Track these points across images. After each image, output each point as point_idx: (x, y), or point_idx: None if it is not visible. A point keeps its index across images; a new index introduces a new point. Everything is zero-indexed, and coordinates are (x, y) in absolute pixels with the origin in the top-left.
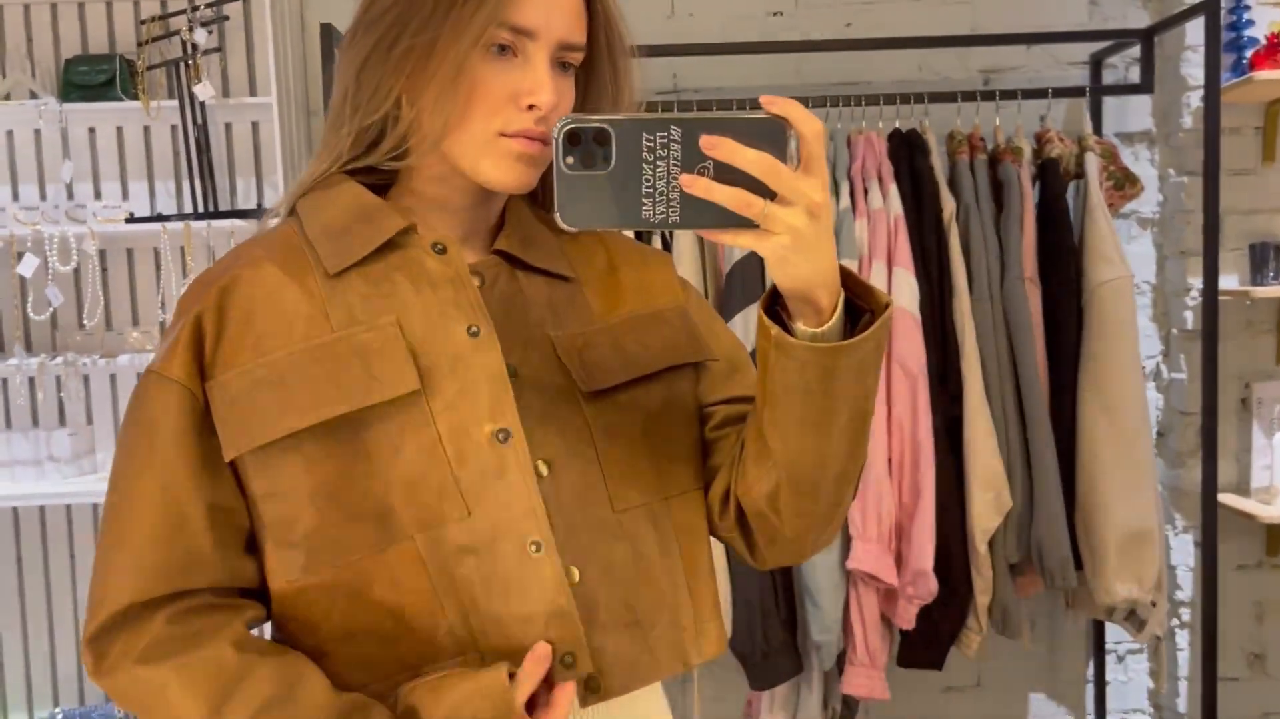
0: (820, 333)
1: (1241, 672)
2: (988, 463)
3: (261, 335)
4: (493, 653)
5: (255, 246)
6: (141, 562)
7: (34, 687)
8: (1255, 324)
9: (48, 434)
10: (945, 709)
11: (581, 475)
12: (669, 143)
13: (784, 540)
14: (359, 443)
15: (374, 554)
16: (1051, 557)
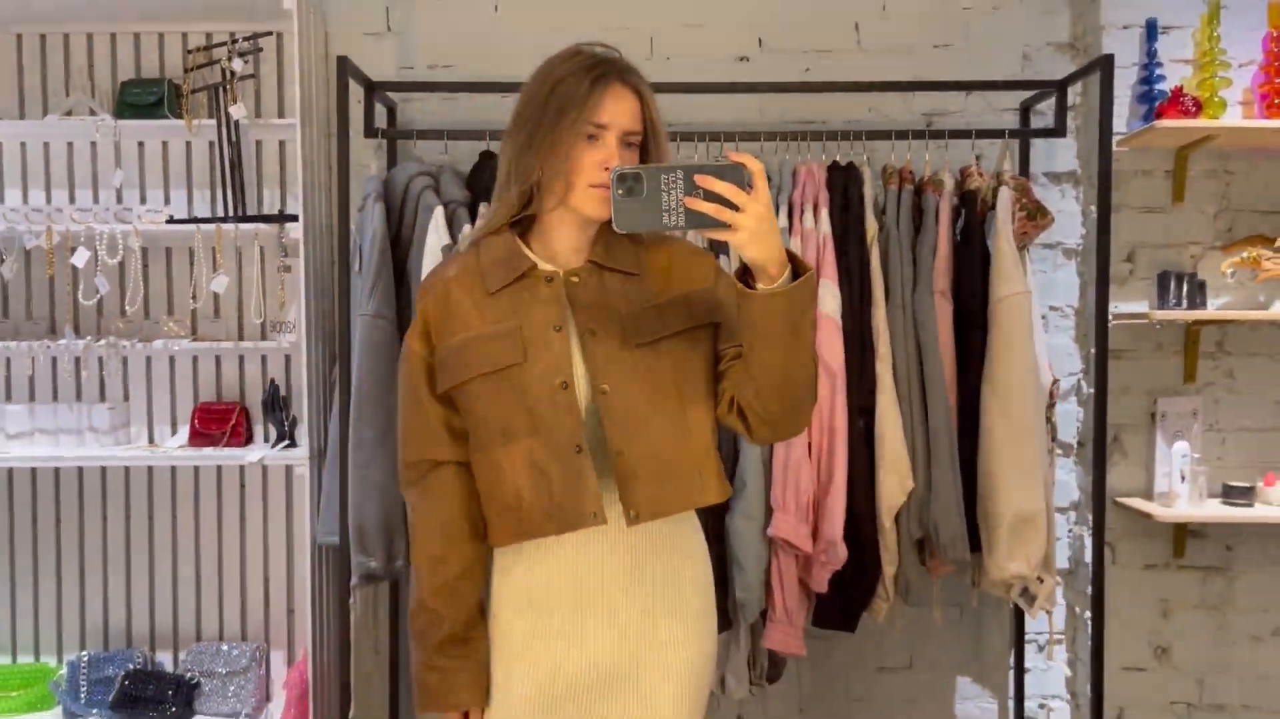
0: (772, 289)
1: (1149, 663)
2: (895, 449)
3: (454, 325)
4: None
5: (451, 267)
6: (415, 440)
7: (64, 632)
8: (1165, 346)
9: (89, 407)
10: (879, 688)
11: (629, 393)
12: (676, 180)
13: (765, 423)
14: (499, 387)
15: (506, 447)
16: (945, 533)
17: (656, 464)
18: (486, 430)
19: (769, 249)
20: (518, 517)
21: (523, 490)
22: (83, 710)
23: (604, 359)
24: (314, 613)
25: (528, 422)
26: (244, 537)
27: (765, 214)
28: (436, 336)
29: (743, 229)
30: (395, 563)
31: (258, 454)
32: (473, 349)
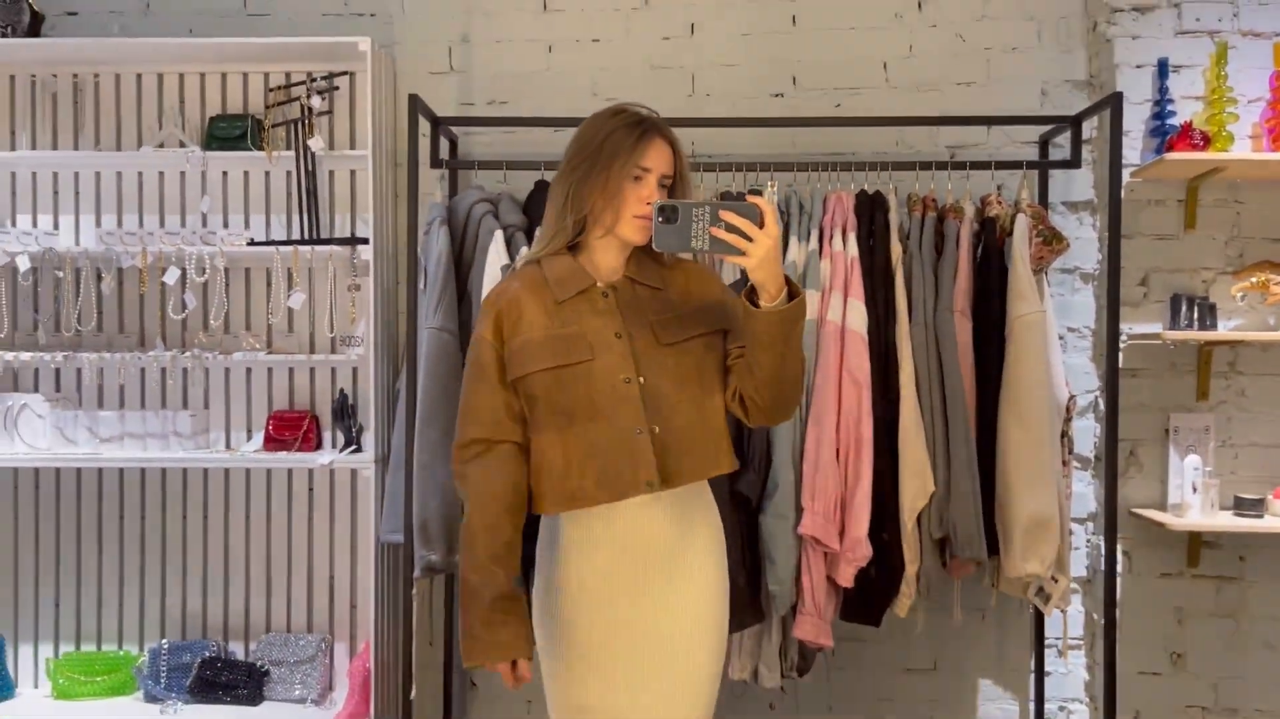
0: (771, 308)
1: (1165, 668)
2: (916, 455)
3: (523, 326)
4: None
5: (517, 280)
6: (478, 419)
7: (145, 621)
8: (1179, 365)
9: (173, 413)
10: (905, 688)
11: (661, 383)
12: (704, 213)
13: (761, 410)
14: (563, 379)
15: (563, 429)
16: (962, 532)
17: (684, 440)
18: (549, 414)
19: (773, 273)
20: (574, 487)
21: (582, 465)
22: (162, 694)
23: (639, 356)
24: (376, 606)
25: (589, 409)
26: (311, 536)
27: (773, 246)
28: (508, 333)
29: (754, 256)
30: (454, 556)
31: (327, 458)
32: (544, 346)
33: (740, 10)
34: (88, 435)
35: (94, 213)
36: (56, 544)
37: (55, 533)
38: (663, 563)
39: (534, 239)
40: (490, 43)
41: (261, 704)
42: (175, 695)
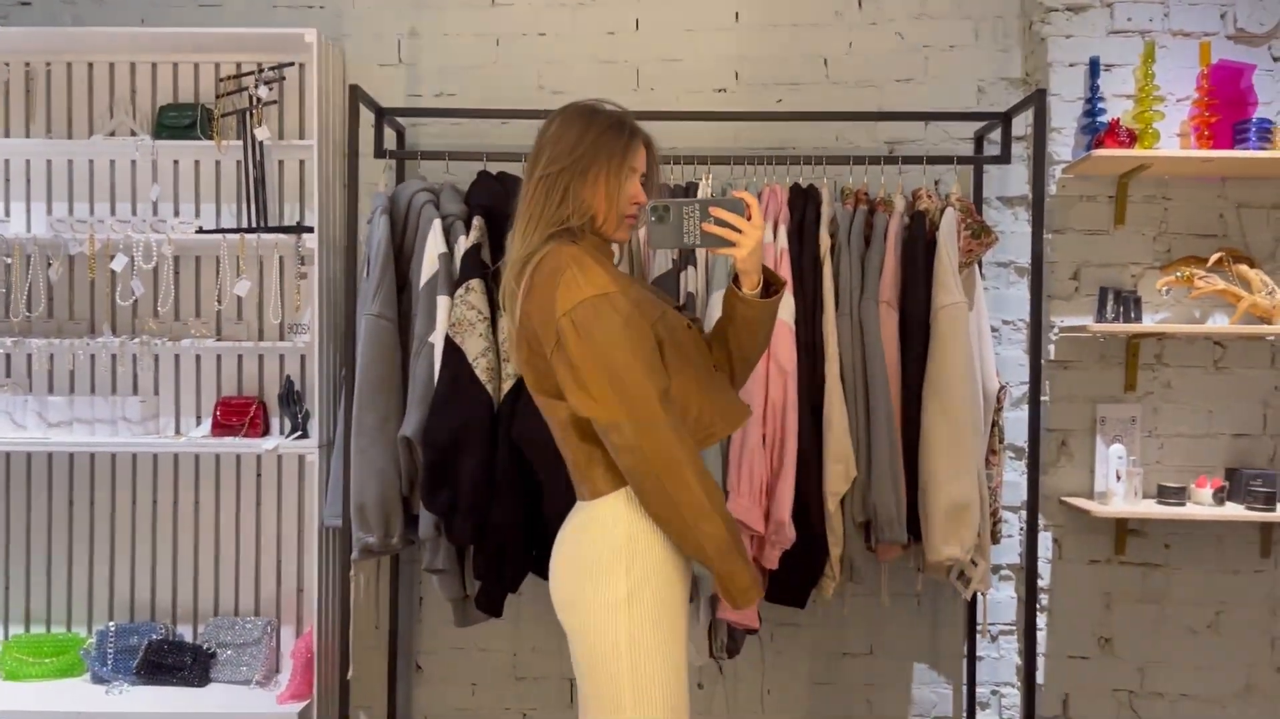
0: (753, 294)
1: (1093, 652)
2: (840, 441)
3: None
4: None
5: (599, 273)
6: (653, 371)
7: (94, 604)
8: (1108, 357)
9: (122, 399)
10: (841, 672)
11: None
12: (694, 211)
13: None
14: (661, 328)
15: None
16: (883, 515)
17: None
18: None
19: (756, 263)
20: (697, 425)
21: (694, 403)
22: (109, 676)
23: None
24: (320, 589)
25: (678, 354)
26: (259, 520)
27: (760, 237)
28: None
29: (744, 248)
30: (391, 539)
31: (273, 444)
32: (641, 304)
33: (684, 6)
34: (37, 420)
35: (45, 200)
36: (6, 527)
37: (5, 516)
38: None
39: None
40: (438, 35)
41: (208, 685)
42: (122, 677)
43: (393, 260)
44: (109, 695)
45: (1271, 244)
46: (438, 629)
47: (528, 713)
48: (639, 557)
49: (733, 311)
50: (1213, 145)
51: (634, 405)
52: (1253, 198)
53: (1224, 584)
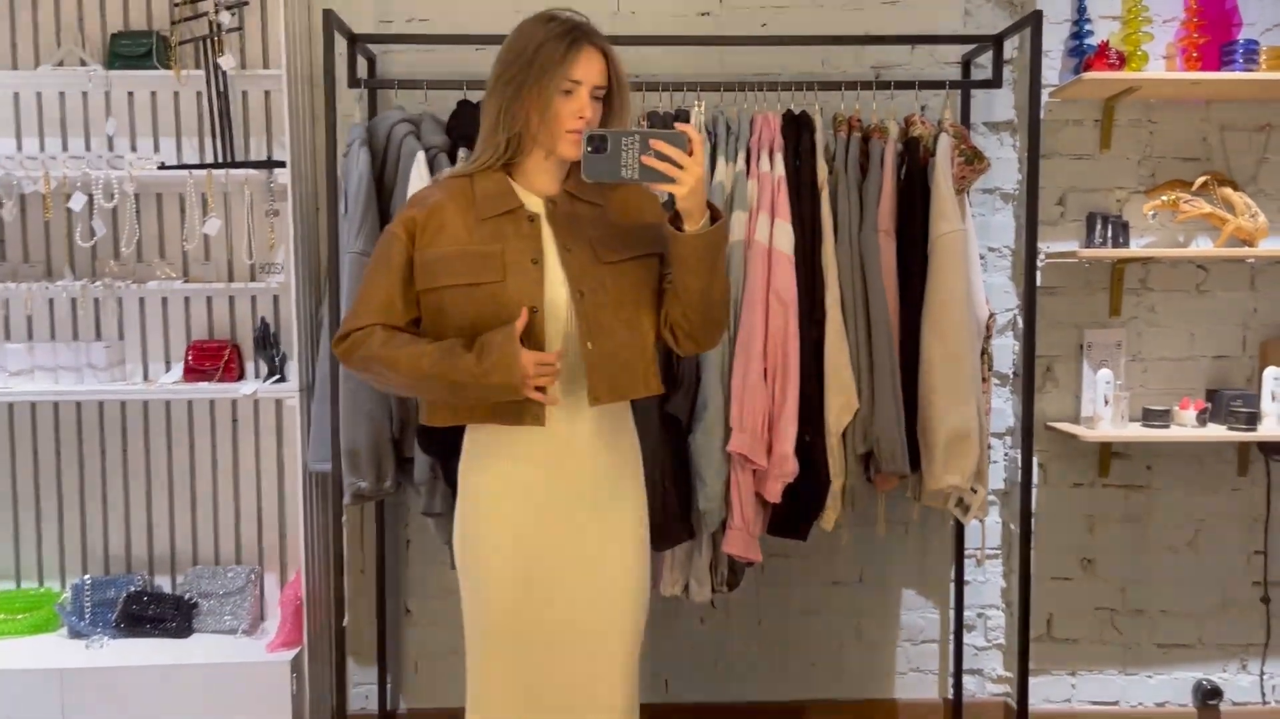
0: (696, 231)
1: (1076, 574)
2: (841, 374)
3: (442, 238)
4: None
5: (441, 190)
6: (370, 307)
7: (66, 558)
8: (1093, 283)
9: (87, 345)
10: (831, 600)
11: (597, 299)
12: (634, 143)
13: (689, 337)
14: (474, 297)
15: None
16: (885, 446)
17: (616, 359)
18: (456, 331)
19: (699, 200)
20: (468, 408)
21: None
22: (87, 630)
23: (579, 270)
24: (306, 535)
25: (489, 327)
26: (237, 467)
27: (701, 173)
28: (423, 241)
29: (684, 184)
30: (384, 483)
31: (250, 388)
32: (460, 261)
33: None
34: None
35: None
36: None
37: None
38: (583, 480)
39: (459, 159)
40: None
41: (191, 636)
42: (101, 630)
43: (375, 195)
44: (89, 650)
45: (1254, 166)
46: (425, 573)
47: None
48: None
49: (677, 253)
50: (1200, 67)
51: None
52: (1236, 120)
53: (1203, 503)
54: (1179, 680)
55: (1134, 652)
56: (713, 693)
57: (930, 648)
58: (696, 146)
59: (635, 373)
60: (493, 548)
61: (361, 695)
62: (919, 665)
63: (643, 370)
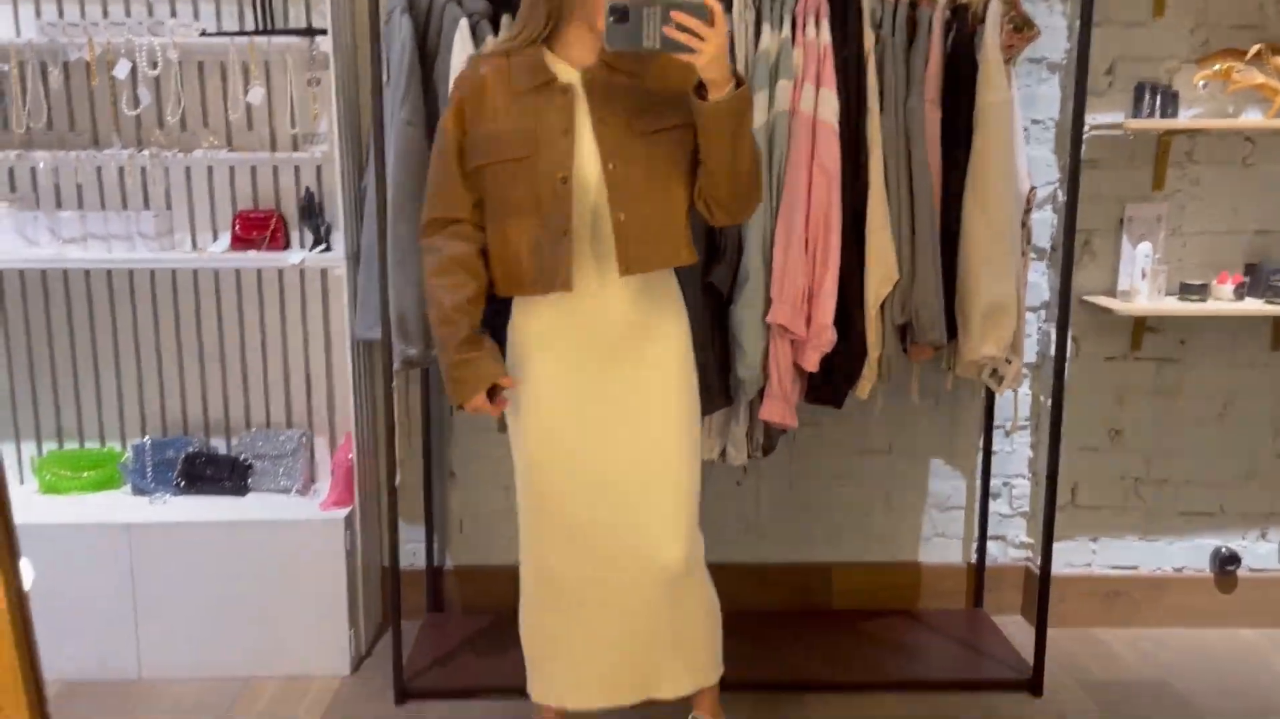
0: (718, 98)
1: (1103, 444)
2: (882, 244)
3: (484, 115)
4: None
5: (484, 66)
6: (436, 202)
7: (125, 420)
8: (1137, 156)
9: (136, 214)
10: (861, 468)
11: (629, 169)
12: (655, 13)
13: (720, 207)
14: (511, 173)
15: (509, 220)
16: (925, 317)
17: (647, 229)
18: (501, 206)
19: (721, 71)
20: (518, 274)
21: (522, 255)
22: (149, 488)
23: (612, 141)
24: (356, 400)
25: (533, 204)
26: (285, 335)
27: (722, 44)
28: (470, 121)
29: (705, 54)
30: (431, 350)
31: (298, 258)
32: (498, 139)
33: None
34: (49, 237)
35: (32, 1)
36: (28, 345)
37: (26, 334)
38: (624, 346)
39: (503, 25)
40: None
41: (247, 495)
42: (162, 489)
43: (418, 63)
44: (153, 505)
45: None
46: (470, 438)
47: None
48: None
49: (701, 122)
50: None
51: (420, 226)
52: None
53: (1234, 377)
54: (1199, 547)
55: (1156, 519)
56: (743, 553)
57: (956, 514)
58: (718, 17)
59: (666, 243)
60: (533, 398)
61: (410, 553)
62: (944, 531)
63: (673, 240)
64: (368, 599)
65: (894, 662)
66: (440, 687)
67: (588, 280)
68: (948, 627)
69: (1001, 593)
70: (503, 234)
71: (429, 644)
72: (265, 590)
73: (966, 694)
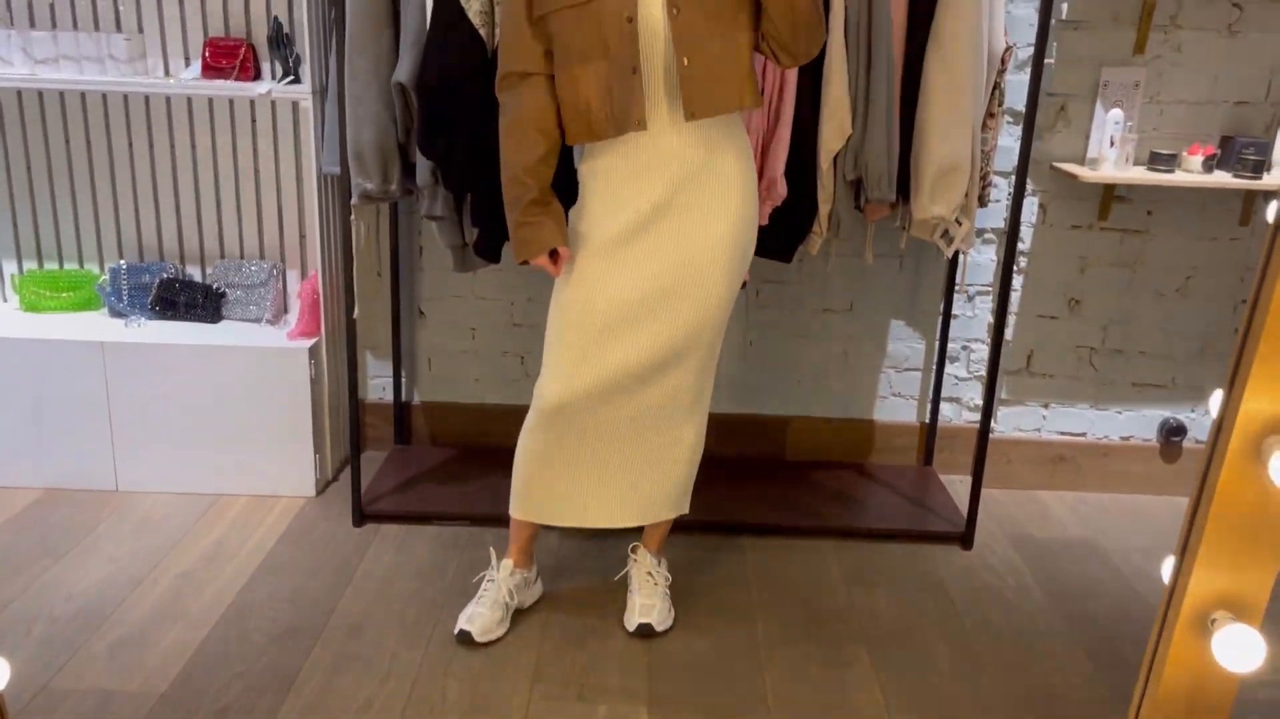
0: None
1: (1062, 312)
2: (838, 97)
3: None
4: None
5: None
6: (509, 55)
7: (103, 243)
8: (1121, 18)
9: (108, 36)
10: (822, 325)
11: (692, 14)
12: None
13: (783, 49)
14: (579, 17)
15: (579, 65)
16: (873, 172)
17: (712, 73)
18: (569, 52)
19: None
20: (588, 120)
21: (592, 99)
22: (125, 310)
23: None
24: (322, 235)
25: (600, 47)
26: (257, 166)
27: None
28: None
29: None
30: (390, 185)
31: (265, 88)
32: None
33: None
34: (22, 56)
35: None
36: (6, 165)
37: (3, 154)
38: (686, 191)
39: None
40: None
41: (220, 322)
42: (138, 312)
43: None
44: (129, 328)
45: None
46: (439, 277)
47: (524, 355)
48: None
49: None
50: None
51: (497, 79)
52: None
53: (1200, 250)
54: (1147, 418)
55: (1107, 389)
56: None
57: (913, 376)
58: None
59: (731, 86)
60: (588, 228)
61: (379, 387)
62: (900, 391)
63: (738, 84)
64: (335, 428)
65: (835, 511)
66: (397, 511)
67: (659, 122)
68: (895, 481)
69: (954, 453)
70: (573, 79)
71: (392, 472)
72: (235, 413)
73: (901, 544)
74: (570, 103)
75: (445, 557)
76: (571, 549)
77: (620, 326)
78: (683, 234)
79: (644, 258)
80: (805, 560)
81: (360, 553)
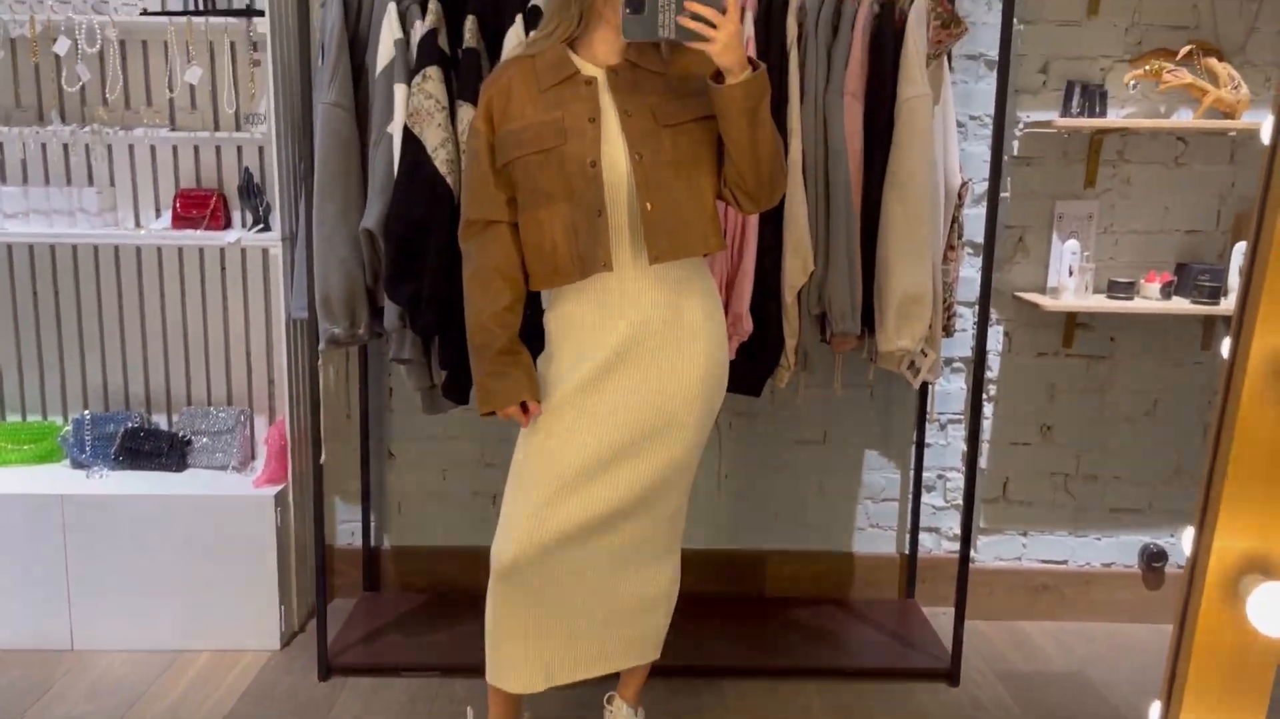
0: (734, 81)
1: (1034, 439)
2: (800, 235)
3: (511, 114)
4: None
5: (511, 68)
6: (472, 202)
7: (67, 394)
8: (1070, 154)
9: (78, 190)
10: (796, 459)
11: (656, 160)
12: (670, 3)
13: (746, 195)
14: (542, 163)
15: (543, 209)
16: (837, 307)
17: (676, 218)
18: (534, 196)
19: (736, 57)
20: (554, 262)
21: (559, 241)
22: (88, 461)
23: (639, 134)
24: (290, 380)
25: (565, 191)
26: (226, 313)
27: (736, 31)
28: (498, 121)
29: (718, 42)
30: (357, 330)
31: (235, 236)
32: (527, 132)
33: None
34: None
35: None
36: None
37: None
38: (654, 334)
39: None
40: None
41: (186, 470)
42: (101, 463)
43: (347, 46)
44: (90, 479)
45: (1242, 36)
46: (408, 419)
47: (496, 495)
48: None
49: (719, 107)
50: None
51: (460, 226)
52: None
53: (1165, 375)
54: (1126, 544)
55: (1085, 515)
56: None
57: (890, 506)
58: (731, 5)
59: (694, 231)
60: (556, 376)
61: (348, 532)
62: (878, 522)
63: (701, 228)
64: (302, 577)
65: (818, 650)
66: (364, 663)
67: (624, 265)
68: (877, 616)
69: (935, 585)
70: (537, 223)
71: (360, 622)
72: (198, 566)
73: (885, 683)
74: (535, 246)
75: (414, 709)
76: (551, 696)
77: (588, 478)
78: (652, 381)
79: (614, 407)
80: (788, 703)
81: (326, 708)
